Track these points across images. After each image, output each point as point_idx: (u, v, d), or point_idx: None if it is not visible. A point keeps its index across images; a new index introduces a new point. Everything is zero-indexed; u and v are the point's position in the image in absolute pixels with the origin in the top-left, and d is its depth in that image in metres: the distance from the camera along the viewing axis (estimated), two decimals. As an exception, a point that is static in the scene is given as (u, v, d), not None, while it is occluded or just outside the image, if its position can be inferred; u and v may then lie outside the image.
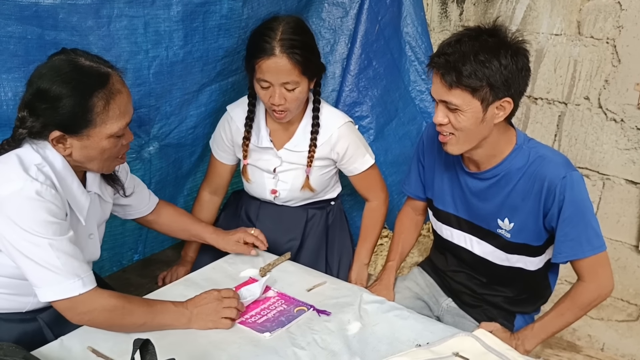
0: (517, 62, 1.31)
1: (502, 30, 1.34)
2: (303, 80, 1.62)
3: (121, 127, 1.23)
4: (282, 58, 1.56)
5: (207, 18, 1.61)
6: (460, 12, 2.54)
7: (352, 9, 2.12)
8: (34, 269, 1.16)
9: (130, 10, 1.45)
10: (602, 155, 2.30)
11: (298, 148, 1.75)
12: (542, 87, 2.37)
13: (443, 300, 1.73)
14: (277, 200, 1.86)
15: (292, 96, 1.61)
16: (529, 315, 1.65)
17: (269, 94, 1.61)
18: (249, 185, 1.86)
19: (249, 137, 1.76)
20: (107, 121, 1.20)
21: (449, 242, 1.65)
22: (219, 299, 1.35)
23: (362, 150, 1.80)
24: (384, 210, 1.92)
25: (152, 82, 1.60)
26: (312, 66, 1.63)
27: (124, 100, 1.23)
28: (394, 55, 2.25)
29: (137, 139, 1.70)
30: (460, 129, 1.36)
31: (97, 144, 1.22)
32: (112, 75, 1.21)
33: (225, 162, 1.87)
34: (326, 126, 1.74)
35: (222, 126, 1.81)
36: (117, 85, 1.21)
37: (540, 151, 1.43)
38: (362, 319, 1.42)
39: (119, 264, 1.93)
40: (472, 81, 1.29)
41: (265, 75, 1.59)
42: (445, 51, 1.32)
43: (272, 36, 1.57)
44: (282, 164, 1.78)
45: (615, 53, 2.17)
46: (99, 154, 1.24)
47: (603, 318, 2.45)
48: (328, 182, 1.87)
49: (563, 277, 2.29)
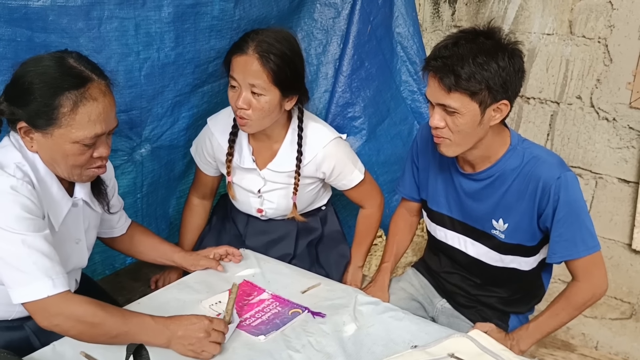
0: (514, 63, 1.31)
1: (498, 32, 1.34)
2: (272, 90, 1.54)
3: (87, 135, 1.18)
4: (252, 57, 1.52)
5: (199, 19, 1.60)
6: (453, 12, 2.54)
7: (344, 9, 2.11)
8: (4, 269, 1.13)
9: (121, 11, 1.44)
10: (595, 154, 2.31)
11: (281, 168, 1.70)
12: (535, 87, 2.37)
13: (437, 301, 1.73)
14: (263, 217, 1.83)
15: (257, 104, 1.54)
16: (523, 315, 1.65)
17: (235, 96, 1.56)
18: (235, 202, 1.83)
19: (232, 152, 1.71)
20: (73, 125, 1.16)
21: (443, 243, 1.65)
22: (207, 332, 1.23)
23: (350, 167, 1.75)
24: (378, 215, 1.90)
25: (143, 84, 1.58)
26: (286, 80, 1.55)
27: (97, 109, 1.18)
28: (386, 56, 2.25)
29: (129, 141, 1.69)
30: (457, 132, 1.35)
31: (60, 146, 1.18)
32: (92, 81, 1.18)
33: (210, 174, 1.83)
34: (311, 145, 1.68)
35: (202, 141, 1.76)
36: (93, 92, 1.17)
37: (534, 151, 1.43)
38: (357, 321, 1.42)
39: (111, 267, 1.92)
40: (472, 84, 1.28)
41: (235, 72, 1.55)
42: (442, 54, 1.30)
43: (253, 37, 1.54)
44: (267, 183, 1.73)
45: (607, 52, 2.17)
46: (62, 158, 1.20)
47: (597, 316, 2.46)
48: (315, 196, 1.84)
49: (557, 275, 2.30)
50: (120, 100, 1.55)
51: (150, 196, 1.85)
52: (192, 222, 1.92)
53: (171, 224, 2.05)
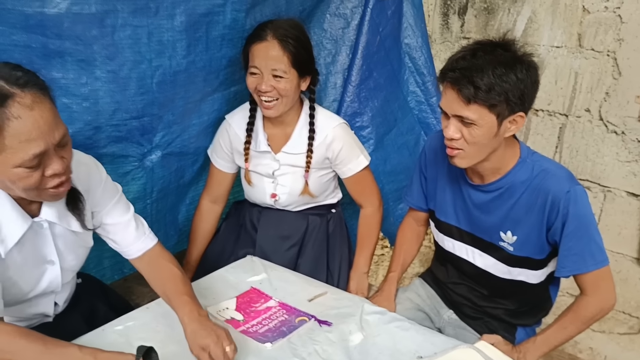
0: (531, 75, 1.31)
1: (515, 44, 1.33)
2: (292, 72, 1.65)
3: (26, 158, 1.02)
4: (273, 43, 1.61)
5: (211, 28, 1.62)
6: (462, 24, 2.56)
7: (354, 20, 2.13)
8: None
9: (135, 20, 1.46)
10: (603, 167, 2.31)
11: (295, 150, 1.78)
12: (543, 99, 2.37)
13: (444, 312, 1.72)
14: (277, 205, 1.87)
15: (280, 85, 1.64)
16: (530, 327, 1.64)
17: (257, 81, 1.65)
18: (250, 189, 1.87)
19: (249, 140, 1.79)
20: (6, 150, 1.01)
21: (450, 253, 1.64)
22: None
23: (357, 152, 1.81)
24: (378, 217, 1.93)
25: (155, 91, 1.60)
26: (302, 61, 1.67)
27: (26, 127, 1.01)
28: (394, 66, 2.26)
29: (140, 147, 1.71)
30: (473, 143, 1.34)
31: (4, 173, 1.05)
32: (12, 97, 1.00)
33: (225, 170, 1.88)
34: (321, 127, 1.77)
35: (220, 134, 1.84)
36: (16, 109, 1.00)
37: (543, 164, 1.43)
38: (364, 330, 1.42)
39: (120, 273, 1.93)
40: (491, 96, 1.27)
41: (255, 60, 1.63)
42: (461, 65, 1.29)
43: (268, 25, 1.64)
44: (281, 167, 1.80)
45: (615, 65, 2.17)
46: (12, 183, 1.07)
47: (605, 331, 2.44)
48: (327, 185, 1.88)
49: (565, 289, 2.29)
50: (132, 107, 1.58)
51: (160, 202, 1.87)
52: (202, 228, 1.94)
53: (180, 230, 2.06)
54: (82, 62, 1.43)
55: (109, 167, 1.67)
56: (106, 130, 1.58)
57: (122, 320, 1.40)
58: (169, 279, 1.37)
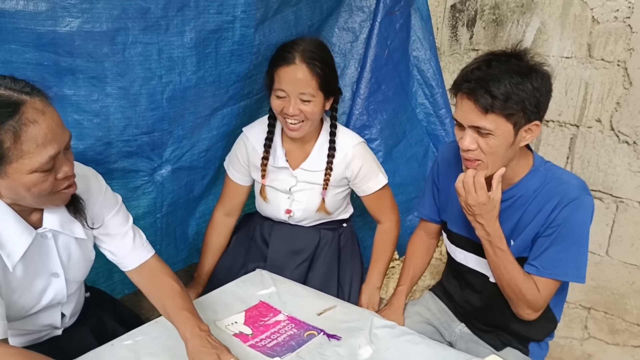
0: (546, 84, 1.31)
1: (528, 54, 1.34)
2: (319, 95, 1.64)
3: (43, 161, 1.06)
4: (301, 67, 1.60)
5: (220, 44, 1.64)
6: (471, 36, 2.56)
7: (362, 33, 2.15)
8: None
9: (145, 37, 1.48)
10: (615, 177, 2.28)
11: (314, 167, 1.77)
12: (554, 110, 2.37)
13: (456, 325, 1.71)
14: (291, 220, 1.86)
15: (307, 109, 1.63)
16: (543, 340, 1.62)
17: (283, 104, 1.64)
18: (265, 205, 1.87)
19: (267, 157, 1.79)
20: (23, 156, 1.04)
21: (462, 265, 1.63)
22: None
23: (376, 170, 1.81)
24: (395, 232, 1.91)
25: (165, 107, 1.62)
26: (329, 83, 1.66)
27: (41, 131, 1.05)
28: (402, 79, 2.27)
29: (150, 162, 1.72)
30: (490, 154, 1.34)
31: (19, 181, 1.07)
32: (25, 103, 1.04)
33: (240, 183, 1.88)
34: (341, 145, 1.76)
35: (238, 147, 1.84)
36: (31, 114, 1.04)
37: (557, 173, 1.43)
38: (373, 344, 1.41)
39: (130, 287, 1.93)
40: (509, 105, 1.27)
41: (282, 84, 1.62)
42: (476, 75, 1.29)
43: (295, 47, 1.63)
44: (298, 183, 1.79)
45: (626, 75, 2.16)
46: (26, 191, 1.09)
47: (619, 343, 2.40)
48: (342, 202, 1.88)
49: (577, 301, 2.25)
50: (143, 122, 1.60)
51: (169, 216, 1.88)
52: (215, 241, 1.94)
53: (190, 244, 2.07)
54: (94, 79, 1.46)
55: (120, 182, 1.69)
56: (117, 146, 1.59)
57: (131, 334, 1.40)
58: (169, 294, 1.36)
